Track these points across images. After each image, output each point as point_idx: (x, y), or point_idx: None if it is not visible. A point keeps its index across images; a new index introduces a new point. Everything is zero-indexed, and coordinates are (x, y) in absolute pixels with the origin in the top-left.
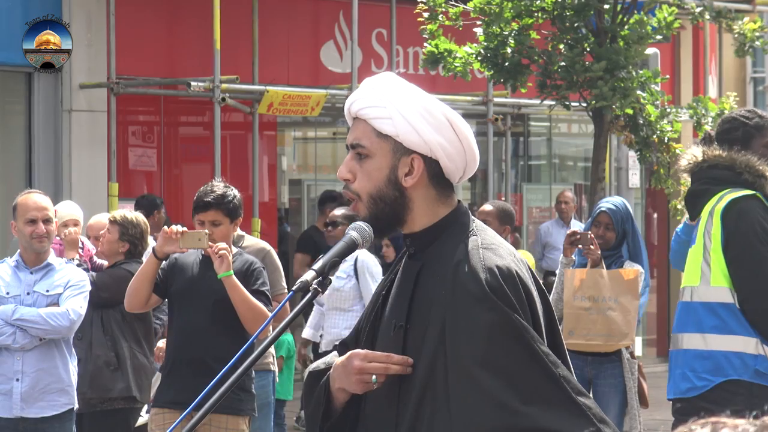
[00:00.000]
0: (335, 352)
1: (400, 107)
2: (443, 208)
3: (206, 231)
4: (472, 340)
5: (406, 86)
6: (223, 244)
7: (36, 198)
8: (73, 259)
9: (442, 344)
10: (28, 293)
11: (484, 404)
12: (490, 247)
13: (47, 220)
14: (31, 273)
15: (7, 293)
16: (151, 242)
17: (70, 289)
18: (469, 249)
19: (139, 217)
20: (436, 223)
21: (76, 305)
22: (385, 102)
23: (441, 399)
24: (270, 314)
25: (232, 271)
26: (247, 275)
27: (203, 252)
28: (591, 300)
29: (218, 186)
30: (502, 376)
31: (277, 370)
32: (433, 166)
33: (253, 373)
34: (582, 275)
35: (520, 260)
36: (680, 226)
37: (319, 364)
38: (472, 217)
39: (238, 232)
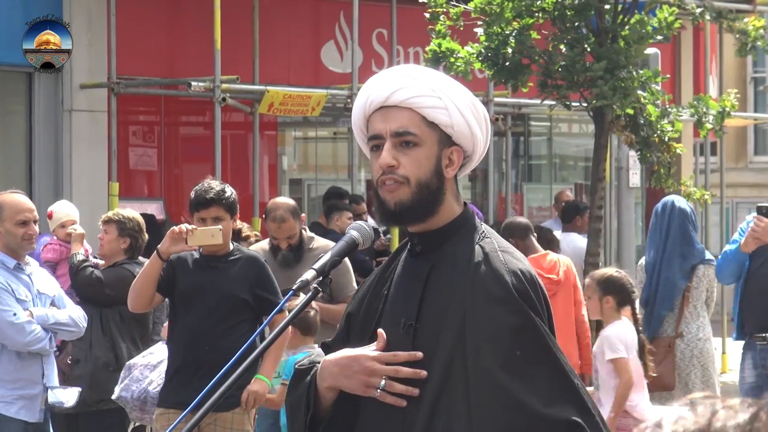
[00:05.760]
0: (320, 350)
1: (455, 99)
2: (457, 206)
3: (220, 227)
4: (495, 342)
5: (450, 78)
6: None
7: (25, 199)
8: (78, 252)
9: (461, 344)
10: (35, 295)
11: (507, 406)
12: (508, 251)
13: (35, 221)
14: (28, 274)
15: (25, 297)
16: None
17: (59, 291)
18: (487, 251)
19: (132, 212)
20: (450, 222)
21: (74, 306)
22: (439, 93)
23: (460, 401)
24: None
25: (266, 381)
26: (259, 278)
27: (202, 251)
28: None
29: (215, 183)
30: (524, 379)
31: None
32: (461, 161)
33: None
34: None
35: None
36: (732, 247)
37: (304, 362)
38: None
39: (308, 233)
